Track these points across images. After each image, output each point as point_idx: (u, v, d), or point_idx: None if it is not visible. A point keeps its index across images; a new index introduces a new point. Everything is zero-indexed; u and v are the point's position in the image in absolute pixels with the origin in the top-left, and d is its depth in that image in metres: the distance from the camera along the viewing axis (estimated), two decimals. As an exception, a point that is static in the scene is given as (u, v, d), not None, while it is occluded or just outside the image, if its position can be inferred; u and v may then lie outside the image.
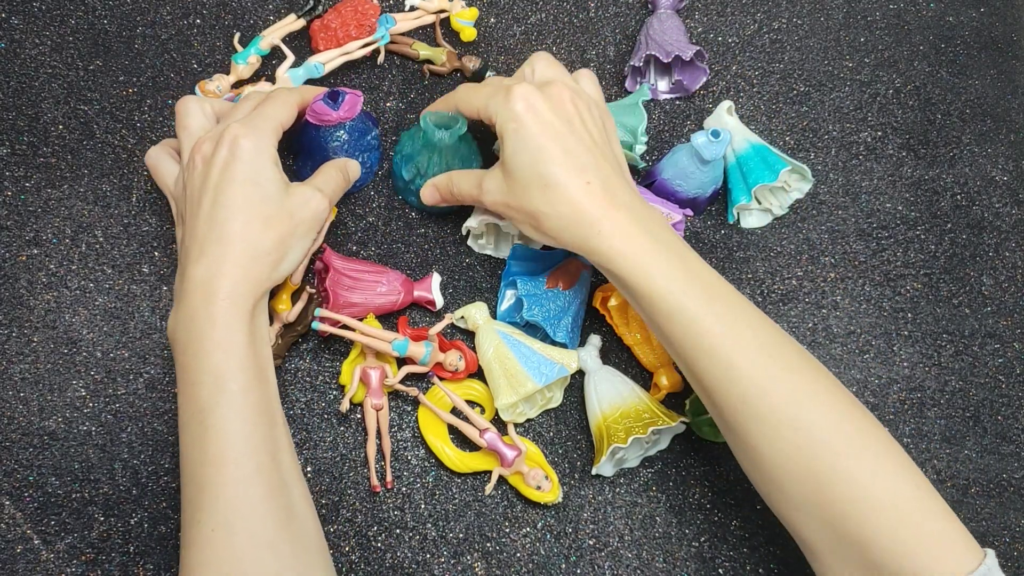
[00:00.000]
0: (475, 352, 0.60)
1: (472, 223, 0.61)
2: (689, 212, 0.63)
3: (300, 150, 0.62)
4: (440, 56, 0.68)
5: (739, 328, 0.48)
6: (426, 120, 0.58)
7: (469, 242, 0.64)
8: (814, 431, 0.46)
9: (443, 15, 0.70)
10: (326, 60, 0.65)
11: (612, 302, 0.61)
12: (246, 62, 0.65)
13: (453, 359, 0.60)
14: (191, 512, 0.47)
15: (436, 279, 0.62)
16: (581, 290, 0.61)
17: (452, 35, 0.70)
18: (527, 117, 0.51)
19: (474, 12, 0.69)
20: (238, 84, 0.66)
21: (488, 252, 0.64)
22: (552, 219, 0.51)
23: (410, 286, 0.61)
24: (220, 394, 0.48)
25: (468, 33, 0.69)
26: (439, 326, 0.60)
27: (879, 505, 0.44)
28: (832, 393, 0.48)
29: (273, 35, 0.66)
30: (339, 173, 0.58)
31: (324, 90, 0.59)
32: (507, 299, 0.63)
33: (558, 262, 0.62)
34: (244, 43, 0.67)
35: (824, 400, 0.47)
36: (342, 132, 0.60)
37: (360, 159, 0.62)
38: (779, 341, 0.49)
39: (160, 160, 0.57)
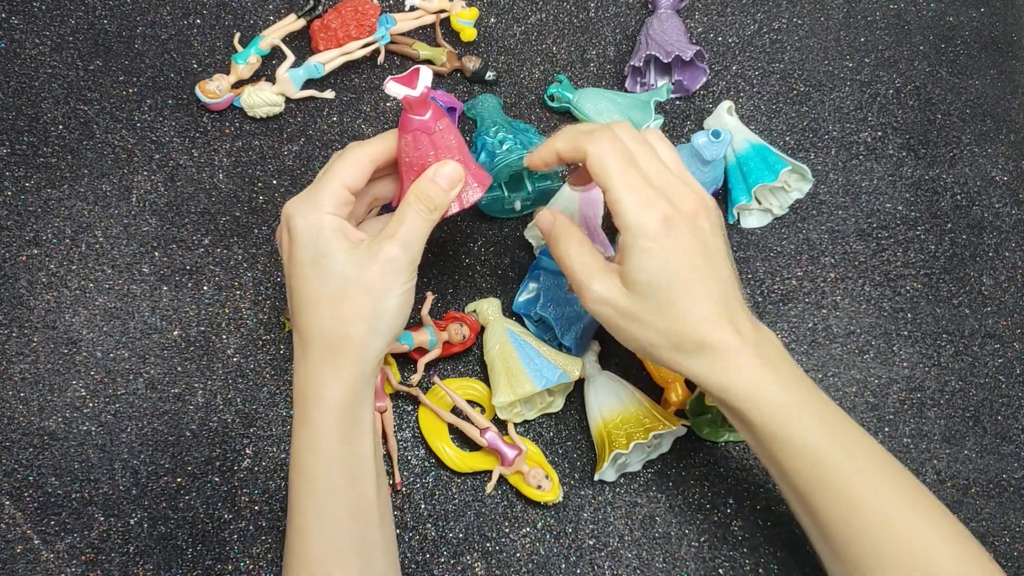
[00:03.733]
0: (477, 324, 0.61)
1: (530, 238, 0.63)
2: None
3: None
4: (440, 56, 0.68)
5: (864, 462, 0.47)
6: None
7: (527, 235, 0.64)
8: (943, 569, 0.45)
9: (443, 15, 0.70)
10: (326, 60, 0.65)
11: None
12: (246, 62, 0.65)
13: (456, 330, 0.60)
14: None
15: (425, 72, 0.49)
16: None
17: (452, 35, 0.70)
18: (666, 241, 0.46)
19: (474, 12, 0.69)
20: (238, 84, 0.66)
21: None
22: (668, 348, 0.47)
23: None
24: (305, 495, 0.47)
25: (468, 33, 0.69)
26: (425, 306, 0.60)
27: None
28: (951, 524, 0.47)
29: (273, 35, 0.66)
30: (416, 203, 0.49)
31: (392, 133, 0.51)
32: (528, 291, 0.62)
33: None
34: (244, 43, 0.67)
35: (948, 534, 0.46)
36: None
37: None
38: (900, 475, 0.48)
39: None
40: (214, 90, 0.64)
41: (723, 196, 0.68)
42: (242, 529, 0.58)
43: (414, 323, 0.62)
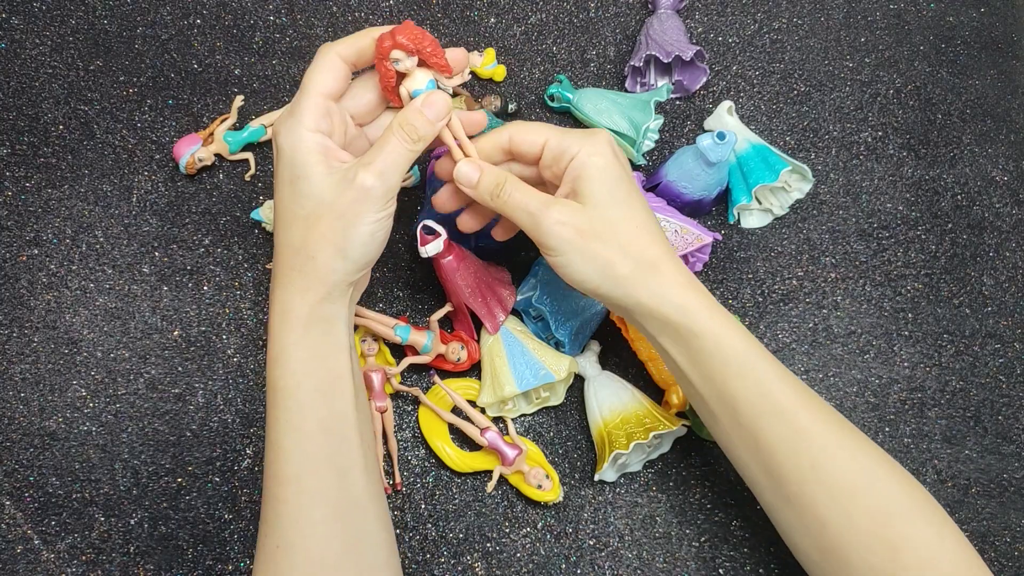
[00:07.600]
0: (479, 343, 0.60)
1: None
2: (719, 236, 0.62)
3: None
4: (460, 107, 0.66)
5: (807, 394, 0.48)
6: None
7: None
8: (886, 498, 0.46)
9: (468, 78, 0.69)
10: None
11: None
12: (237, 150, 0.64)
13: (455, 349, 0.59)
14: (262, 526, 0.47)
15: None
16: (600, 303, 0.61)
17: (485, 83, 0.69)
18: (615, 161, 0.49)
19: (491, 53, 0.69)
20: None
21: None
22: (627, 266, 0.48)
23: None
24: (278, 410, 0.47)
25: (499, 72, 0.68)
26: (439, 313, 0.59)
27: (949, 570, 0.45)
28: (893, 463, 0.48)
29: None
30: (400, 132, 0.48)
31: (365, 32, 0.50)
32: (527, 288, 0.62)
33: None
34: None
35: (889, 469, 0.47)
36: None
37: None
38: (837, 413, 0.49)
39: None
40: (195, 162, 0.63)
41: (724, 196, 0.68)
42: (242, 529, 0.58)
43: (420, 323, 0.62)
